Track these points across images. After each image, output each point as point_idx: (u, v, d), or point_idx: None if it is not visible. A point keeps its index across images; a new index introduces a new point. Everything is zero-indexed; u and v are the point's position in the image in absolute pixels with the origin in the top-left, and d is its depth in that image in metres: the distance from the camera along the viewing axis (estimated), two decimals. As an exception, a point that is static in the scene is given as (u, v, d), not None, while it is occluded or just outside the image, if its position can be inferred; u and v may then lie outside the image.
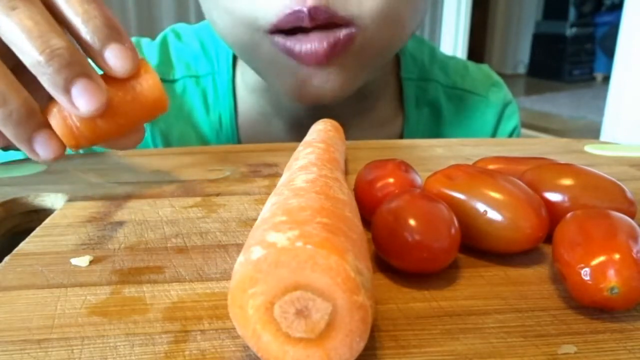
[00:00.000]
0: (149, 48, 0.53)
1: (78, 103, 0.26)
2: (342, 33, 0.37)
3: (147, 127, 0.50)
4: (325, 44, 0.36)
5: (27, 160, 0.40)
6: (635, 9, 2.19)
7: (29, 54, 0.25)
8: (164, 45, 0.53)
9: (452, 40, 3.51)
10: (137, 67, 0.28)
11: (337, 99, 0.41)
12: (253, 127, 0.52)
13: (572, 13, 5.13)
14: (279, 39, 0.37)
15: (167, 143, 0.51)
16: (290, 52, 0.37)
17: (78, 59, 0.26)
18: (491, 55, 5.70)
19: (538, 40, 5.37)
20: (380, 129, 0.52)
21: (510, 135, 0.56)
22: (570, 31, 5.07)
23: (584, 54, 5.15)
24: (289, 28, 0.36)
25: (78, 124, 0.27)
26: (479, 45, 5.32)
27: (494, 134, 0.56)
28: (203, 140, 0.52)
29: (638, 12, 2.18)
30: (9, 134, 0.26)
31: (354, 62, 0.40)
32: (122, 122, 0.28)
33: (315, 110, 0.47)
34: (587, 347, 0.17)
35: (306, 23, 0.35)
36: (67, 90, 0.26)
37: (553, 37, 5.20)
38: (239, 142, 0.51)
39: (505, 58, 5.65)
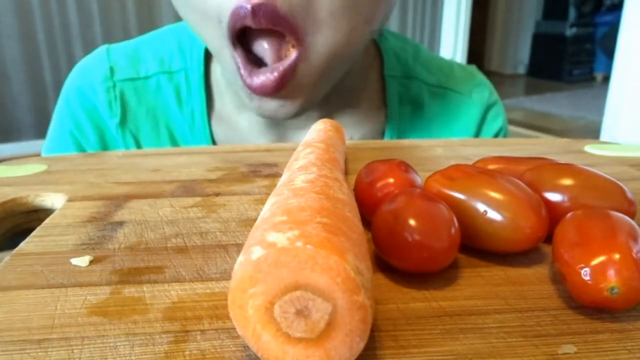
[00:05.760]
0: (117, 50, 0.53)
1: None
2: (290, 60, 0.38)
3: (117, 129, 0.51)
4: (275, 75, 0.38)
5: (27, 160, 0.40)
6: (635, 9, 2.19)
7: None
8: (137, 43, 0.54)
9: (452, 41, 3.51)
10: None
11: (298, 115, 0.42)
12: (228, 122, 0.52)
13: (572, 13, 5.13)
14: (237, 58, 0.39)
15: (138, 144, 0.52)
16: (243, 81, 0.39)
17: None
18: (491, 55, 5.71)
19: (538, 40, 5.37)
20: (363, 125, 0.53)
21: (496, 136, 0.56)
22: (570, 31, 5.06)
23: (584, 54, 5.15)
24: (239, 28, 0.37)
25: None
26: (478, 45, 5.32)
27: (477, 134, 0.55)
28: (176, 137, 0.52)
29: (638, 12, 2.18)
30: None
31: (309, 80, 0.40)
32: None
33: None
34: (587, 347, 0.17)
35: (249, 22, 0.36)
36: None
37: (553, 37, 5.19)
38: (212, 137, 0.52)
39: (505, 58, 5.65)
